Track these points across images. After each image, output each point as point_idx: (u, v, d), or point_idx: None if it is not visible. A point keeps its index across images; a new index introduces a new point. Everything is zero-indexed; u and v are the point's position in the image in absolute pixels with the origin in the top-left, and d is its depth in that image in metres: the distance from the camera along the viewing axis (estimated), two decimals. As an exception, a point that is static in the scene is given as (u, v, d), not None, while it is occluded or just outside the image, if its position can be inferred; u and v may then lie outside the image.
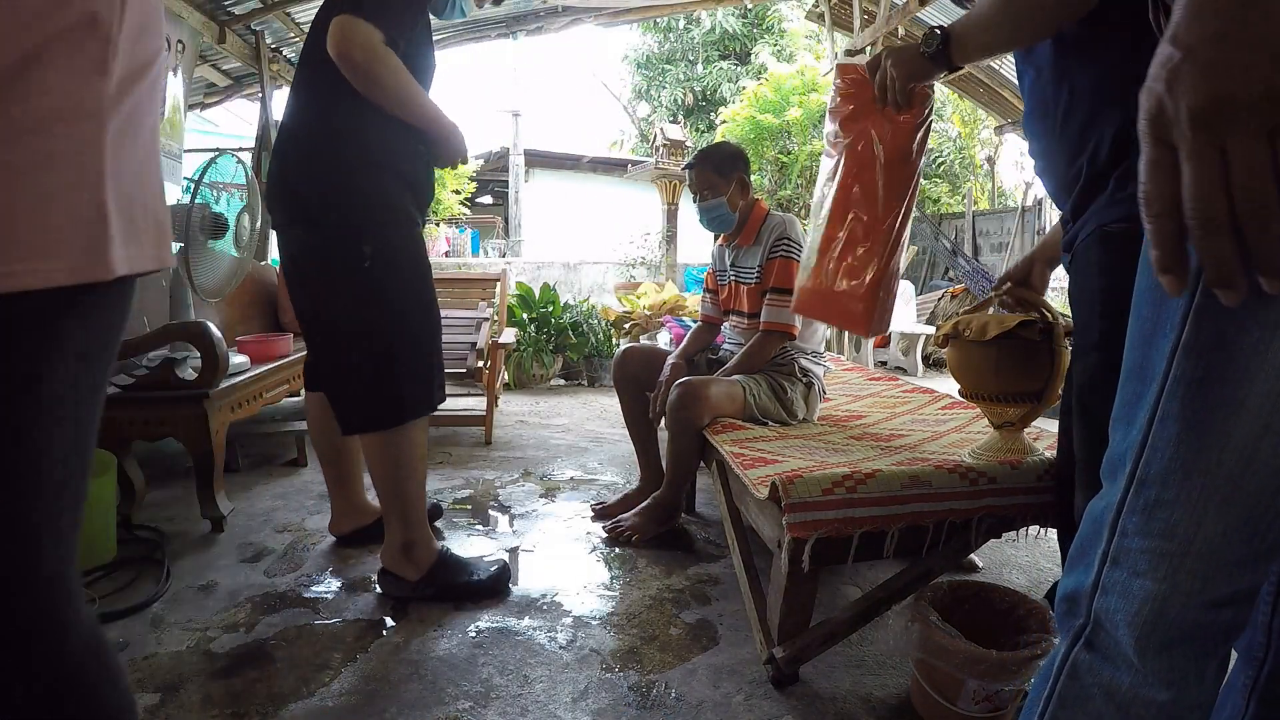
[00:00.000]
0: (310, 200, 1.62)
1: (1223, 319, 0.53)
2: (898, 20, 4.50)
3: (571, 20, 5.15)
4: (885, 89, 1.22)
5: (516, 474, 2.76)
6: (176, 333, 2.14)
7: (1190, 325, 0.55)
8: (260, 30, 4.27)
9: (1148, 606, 0.58)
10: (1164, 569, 0.57)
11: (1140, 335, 0.61)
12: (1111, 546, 0.61)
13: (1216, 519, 0.56)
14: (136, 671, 1.42)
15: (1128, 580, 0.59)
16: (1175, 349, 0.56)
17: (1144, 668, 0.59)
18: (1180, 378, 0.56)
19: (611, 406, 3.95)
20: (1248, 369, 0.52)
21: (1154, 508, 0.58)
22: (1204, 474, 0.55)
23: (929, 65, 1.14)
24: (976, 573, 1.92)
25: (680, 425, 1.94)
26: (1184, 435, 0.56)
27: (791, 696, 1.36)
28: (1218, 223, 0.43)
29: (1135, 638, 0.59)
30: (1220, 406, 0.54)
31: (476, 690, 1.37)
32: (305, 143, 1.63)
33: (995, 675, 1.19)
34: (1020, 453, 1.54)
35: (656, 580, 1.85)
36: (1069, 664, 0.63)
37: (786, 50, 12.36)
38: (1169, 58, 0.44)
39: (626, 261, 7.79)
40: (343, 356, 1.67)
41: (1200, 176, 0.43)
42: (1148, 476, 0.58)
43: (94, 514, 1.85)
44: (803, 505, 1.30)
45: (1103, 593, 0.61)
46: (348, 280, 1.61)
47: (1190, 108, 0.42)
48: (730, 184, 2.15)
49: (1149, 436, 0.58)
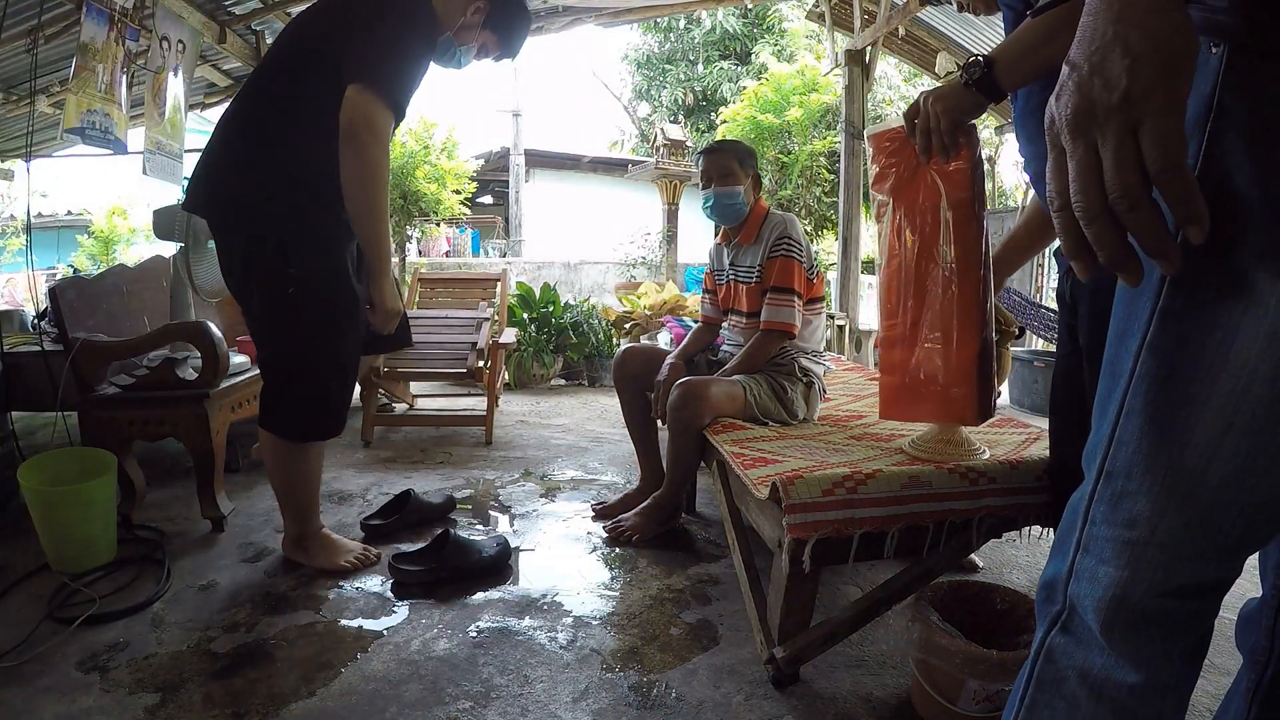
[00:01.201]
0: (253, 217, 1.67)
1: (1186, 320, 0.55)
2: (898, 20, 4.49)
3: (571, 20, 5.14)
4: (930, 133, 1.14)
5: (517, 474, 2.76)
6: (177, 333, 2.14)
7: (1155, 325, 0.57)
8: (260, 30, 4.27)
9: (1110, 592, 0.60)
10: (1126, 557, 0.59)
11: (1114, 334, 0.63)
12: (1083, 534, 0.63)
13: (1178, 512, 0.57)
14: (137, 671, 1.42)
15: (1094, 566, 0.61)
16: (1141, 348, 0.58)
17: (1111, 650, 0.61)
18: (1144, 375, 0.58)
19: (612, 406, 3.95)
20: (1210, 369, 0.54)
21: (1119, 498, 0.60)
22: (1165, 468, 0.57)
23: (977, 97, 1.07)
24: (976, 573, 1.92)
25: (681, 425, 1.94)
26: (1147, 430, 0.58)
27: (791, 696, 1.36)
28: (1094, 211, 0.48)
29: (1100, 622, 0.61)
30: (1183, 404, 0.56)
31: (476, 690, 1.37)
32: (259, 166, 1.66)
33: (995, 675, 1.19)
34: (959, 445, 1.59)
35: (657, 580, 1.85)
36: (1045, 648, 0.65)
37: (787, 50, 12.33)
38: (1062, 75, 0.50)
39: (627, 261, 7.79)
40: (261, 358, 1.80)
41: (1078, 172, 0.49)
42: (1114, 469, 0.60)
43: (94, 514, 1.86)
44: (803, 505, 1.29)
45: (1075, 579, 0.63)
46: (269, 301, 1.70)
47: (1067, 117, 0.49)
48: (748, 176, 2.14)
49: (1116, 431, 0.60)
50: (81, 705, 1.31)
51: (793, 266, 2.05)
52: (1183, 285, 0.56)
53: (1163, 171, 0.46)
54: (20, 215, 8.55)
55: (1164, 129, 0.46)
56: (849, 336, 4.92)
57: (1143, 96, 0.46)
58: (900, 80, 8.23)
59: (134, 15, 3.17)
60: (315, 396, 1.76)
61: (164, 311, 2.73)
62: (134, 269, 2.74)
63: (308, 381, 1.75)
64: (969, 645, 1.20)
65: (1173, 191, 0.46)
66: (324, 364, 1.74)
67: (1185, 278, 0.55)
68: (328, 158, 1.59)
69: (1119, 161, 0.47)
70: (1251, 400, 0.53)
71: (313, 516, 1.89)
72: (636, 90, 14.31)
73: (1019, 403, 4.23)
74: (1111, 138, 0.47)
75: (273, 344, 1.75)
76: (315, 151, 1.62)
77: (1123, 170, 0.47)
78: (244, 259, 1.69)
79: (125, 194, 9.75)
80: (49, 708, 1.31)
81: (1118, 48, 0.47)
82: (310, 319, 1.70)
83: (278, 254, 1.65)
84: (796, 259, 2.06)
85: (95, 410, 2.06)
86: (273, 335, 1.75)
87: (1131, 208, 0.47)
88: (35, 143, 5.09)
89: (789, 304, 2.04)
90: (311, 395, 1.76)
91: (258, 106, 1.69)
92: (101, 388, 2.09)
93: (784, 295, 2.04)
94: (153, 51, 3.36)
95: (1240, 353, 0.53)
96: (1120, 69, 0.46)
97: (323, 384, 1.76)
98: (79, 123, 2.98)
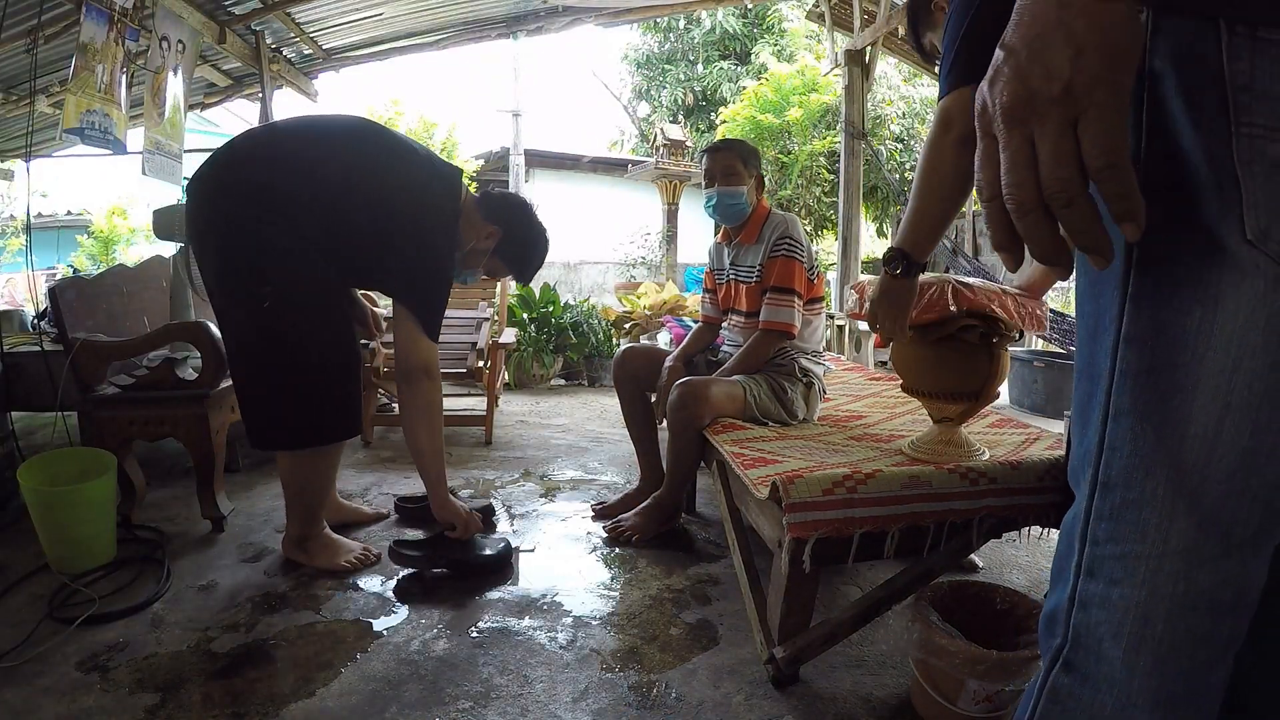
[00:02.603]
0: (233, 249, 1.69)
1: (1160, 304, 0.52)
2: (898, 20, 4.49)
3: (571, 20, 5.14)
4: (892, 334, 1.30)
5: (517, 474, 2.76)
6: (177, 333, 2.14)
7: (1128, 316, 0.53)
8: (260, 30, 4.27)
9: (1130, 616, 0.54)
10: (1141, 573, 0.54)
11: (1085, 333, 0.59)
12: (1084, 557, 0.57)
13: (1189, 512, 0.52)
14: (137, 671, 1.42)
15: (1105, 590, 0.56)
16: (1117, 342, 0.54)
17: (1132, 685, 0.55)
18: (1126, 371, 0.54)
19: (611, 406, 3.95)
20: (1196, 350, 0.50)
21: (1121, 510, 0.55)
22: (1167, 466, 0.52)
23: (907, 282, 1.25)
24: (976, 573, 1.92)
25: (681, 425, 1.94)
26: (1139, 429, 0.53)
27: (791, 696, 1.36)
28: (1028, 205, 0.46)
29: (1123, 651, 0.55)
30: (1173, 393, 0.52)
31: (476, 690, 1.37)
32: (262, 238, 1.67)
33: (995, 675, 1.19)
34: (958, 446, 1.62)
35: (657, 580, 1.85)
36: (1048, 687, 0.60)
37: (787, 50, 12.32)
38: (997, 59, 0.47)
39: (626, 261, 7.79)
40: (236, 378, 1.80)
41: (1012, 164, 0.46)
42: (1110, 479, 0.55)
43: (94, 514, 1.86)
44: (803, 505, 1.29)
45: (1080, 607, 0.57)
46: (247, 313, 1.71)
47: (1002, 105, 0.46)
48: (752, 176, 2.14)
49: (1105, 436, 0.56)
50: (81, 705, 1.31)
51: (794, 267, 2.04)
52: (1150, 267, 0.52)
53: (1104, 169, 0.44)
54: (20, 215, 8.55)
55: (1107, 124, 0.43)
56: (849, 336, 4.92)
57: (1086, 89, 0.43)
58: (900, 80, 8.22)
59: (134, 15, 3.17)
60: (327, 397, 1.77)
61: (164, 311, 2.73)
62: (134, 269, 2.74)
63: (313, 384, 1.75)
64: (969, 645, 1.20)
65: (1112, 189, 0.44)
66: (325, 364, 1.75)
67: (1151, 258, 0.52)
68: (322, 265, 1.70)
69: (1057, 155, 0.44)
70: (1246, 375, 0.49)
71: (319, 519, 1.90)
72: (636, 90, 14.31)
73: (1019, 403, 4.23)
74: (1051, 130, 0.44)
75: (267, 355, 1.74)
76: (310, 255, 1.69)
77: (1061, 164, 0.44)
78: (218, 276, 1.71)
79: (125, 194, 9.75)
80: (49, 708, 1.30)
81: (1060, 34, 0.44)
82: (297, 324, 1.70)
83: (251, 275, 1.66)
84: (798, 259, 2.05)
85: (95, 410, 2.05)
86: (265, 348, 1.73)
87: (1068, 203, 0.45)
88: (35, 143, 5.10)
89: (788, 304, 2.04)
90: (323, 396, 1.76)
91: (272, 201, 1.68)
92: (101, 388, 2.09)
93: (784, 295, 2.04)
94: (152, 51, 3.36)
95: (1225, 326, 0.49)
96: (1063, 58, 0.44)
97: (330, 383, 1.76)
98: (78, 123, 2.97)
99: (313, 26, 4.54)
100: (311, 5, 4.13)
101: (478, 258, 1.95)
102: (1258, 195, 0.47)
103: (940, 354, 1.55)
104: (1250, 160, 0.47)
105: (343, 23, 4.59)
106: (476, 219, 1.90)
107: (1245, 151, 0.47)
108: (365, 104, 8.04)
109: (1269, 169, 0.46)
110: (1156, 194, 0.50)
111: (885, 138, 7.53)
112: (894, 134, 7.64)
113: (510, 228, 1.93)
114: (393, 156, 1.76)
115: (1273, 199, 0.47)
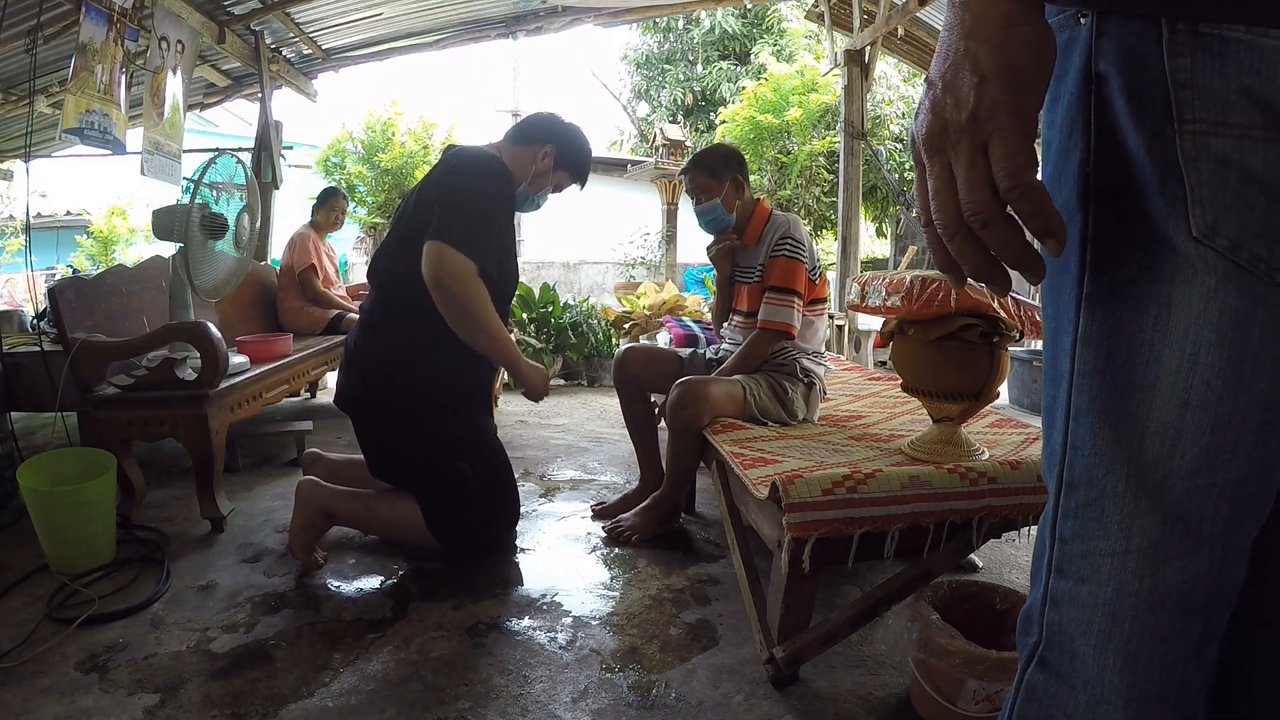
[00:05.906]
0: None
1: (1115, 303, 0.52)
2: (897, 20, 4.49)
3: (571, 20, 5.14)
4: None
5: (516, 474, 2.75)
6: (176, 333, 2.14)
7: (1084, 317, 0.54)
8: (260, 30, 4.27)
9: (1099, 613, 0.55)
10: (1106, 570, 0.54)
11: (1048, 335, 0.60)
12: (1054, 555, 0.58)
13: (1152, 508, 0.52)
14: (136, 671, 1.42)
15: (1074, 588, 0.56)
16: (1075, 343, 0.55)
17: (1103, 683, 0.55)
18: (1084, 371, 0.55)
19: (611, 406, 3.95)
20: (1152, 348, 0.51)
21: (1084, 508, 0.55)
22: (1128, 463, 0.53)
23: None
24: (976, 573, 1.92)
25: (680, 425, 1.94)
26: (1099, 428, 0.54)
27: (791, 696, 1.36)
28: (952, 229, 0.49)
29: (1093, 649, 0.55)
30: (1131, 392, 0.52)
31: (476, 690, 1.37)
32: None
33: (995, 675, 1.19)
34: (958, 446, 1.61)
35: (656, 580, 1.85)
36: (1024, 685, 0.60)
37: (786, 50, 12.32)
38: (922, 92, 0.50)
39: (626, 261, 7.79)
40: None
41: (935, 191, 0.49)
42: (1074, 478, 0.56)
43: (94, 514, 1.85)
44: (803, 505, 1.29)
45: (1052, 605, 0.58)
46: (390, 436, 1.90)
47: (923, 137, 0.49)
48: (724, 186, 2.14)
49: (1068, 436, 0.56)
50: (81, 705, 1.31)
51: (795, 267, 2.05)
52: (1104, 268, 0.53)
53: (1011, 190, 0.46)
54: (19, 215, 8.55)
55: (1010, 148, 0.46)
56: (849, 336, 4.92)
57: (989, 114, 0.46)
58: (900, 80, 8.23)
59: (133, 15, 3.17)
60: (472, 519, 1.91)
61: (163, 311, 2.72)
62: (133, 269, 2.74)
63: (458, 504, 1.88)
64: (969, 645, 1.20)
65: (1023, 208, 0.46)
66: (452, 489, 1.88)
67: (1104, 260, 0.53)
68: None
69: (970, 180, 0.47)
70: (1203, 371, 0.49)
71: None
72: (636, 90, 14.31)
73: (1019, 403, 4.23)
74: (963, 156, 0.47)
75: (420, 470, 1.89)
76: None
77: (974, 189, 0.47)
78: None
79: (124, 194, 9.73)
80: (49, 708, 1.30)
81: (967, 64, 0.46)
82: (426, 445, 1.86)
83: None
84: (799, 259, 2.06)
85: (95, 410, 2.05)
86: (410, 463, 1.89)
87: (984, 225, 0.47)
88: (34, 143, 5.09)
89: (788, 304, 2.04)
90: (467, 518, 1.89)
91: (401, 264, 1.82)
92: (101, 388, 2.09)
93: (783, 295, 2.04)
94: (151, 51, 3.36)
95: (1179, 323, 0.50)
96: (969, 87, 0.46)
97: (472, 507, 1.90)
98: (78, 123, 2.97)
99: (312, 26, 4.54)
100: (311, 5, 4.13)
101: (543, 178, 2.01)
102: (1202, 192, 0.48)
103: (940, 353, 1.56)
104: (1195, 157, 0.48)
105: (342, 23, 4.59)
106: (520, 150, 1.98)
107: (1189, 148, 0.48)
108: (365, 104, 8.03)
109: (1213, 165, 0.47)
110: (1107, 196, 0.52)
111: (884, 138, 7.53)
112: (893, 134, 7.64)
113: (559, 137, 2.00)
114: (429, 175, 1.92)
115: (1218, 194, 0.47)
